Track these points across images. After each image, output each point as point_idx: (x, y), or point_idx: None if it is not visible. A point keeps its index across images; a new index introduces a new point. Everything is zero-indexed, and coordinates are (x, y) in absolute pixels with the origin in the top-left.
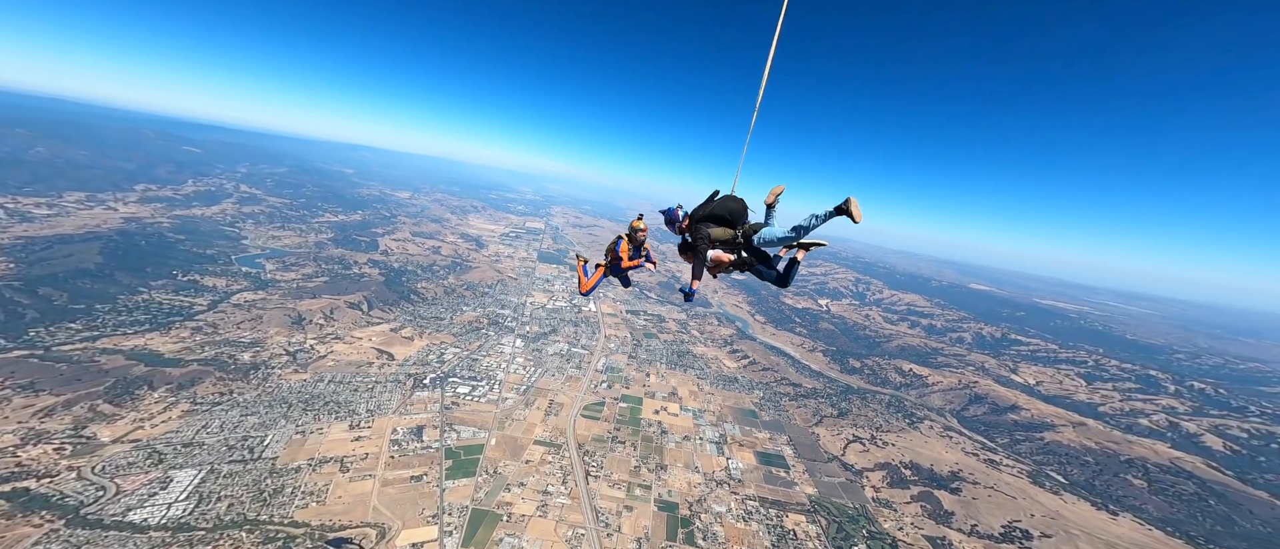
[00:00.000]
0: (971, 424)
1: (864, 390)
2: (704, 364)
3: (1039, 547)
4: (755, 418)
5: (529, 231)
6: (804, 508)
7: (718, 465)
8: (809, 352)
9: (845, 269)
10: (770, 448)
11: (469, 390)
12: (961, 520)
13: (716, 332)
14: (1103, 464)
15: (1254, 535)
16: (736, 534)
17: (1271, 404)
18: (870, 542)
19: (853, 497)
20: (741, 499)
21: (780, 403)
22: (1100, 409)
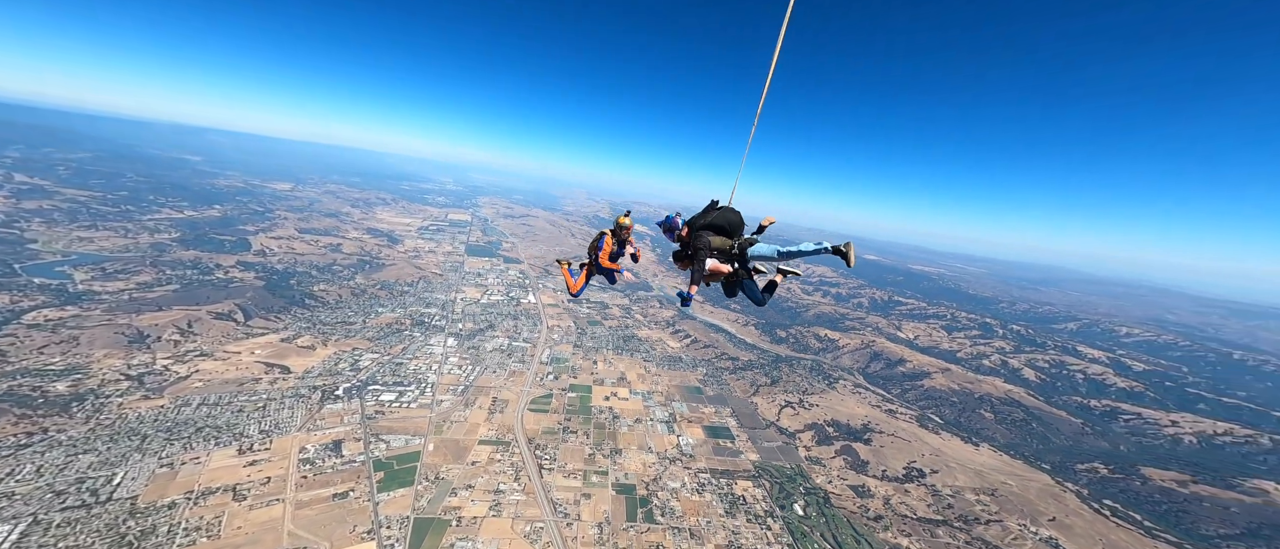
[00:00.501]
0: (874, 380)
1: (791, 358)
2: (649, 347)
3: (931, 481)
4: (700, 394)
5: (453, 224)
6: (750, 474)
7: (670, 444)
8: (743, 326)
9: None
10: (716, 421)
11: (395, 397)
12: (874, 467)
13: (659, 314)
14: (964, 402)
15: (1064, 449)
16: (692, 506)
17: (1059, 338)
18: (806, 497)
19: (789, 458)
20: (694, 473)
21: (722, 377)
22: (958, 355)
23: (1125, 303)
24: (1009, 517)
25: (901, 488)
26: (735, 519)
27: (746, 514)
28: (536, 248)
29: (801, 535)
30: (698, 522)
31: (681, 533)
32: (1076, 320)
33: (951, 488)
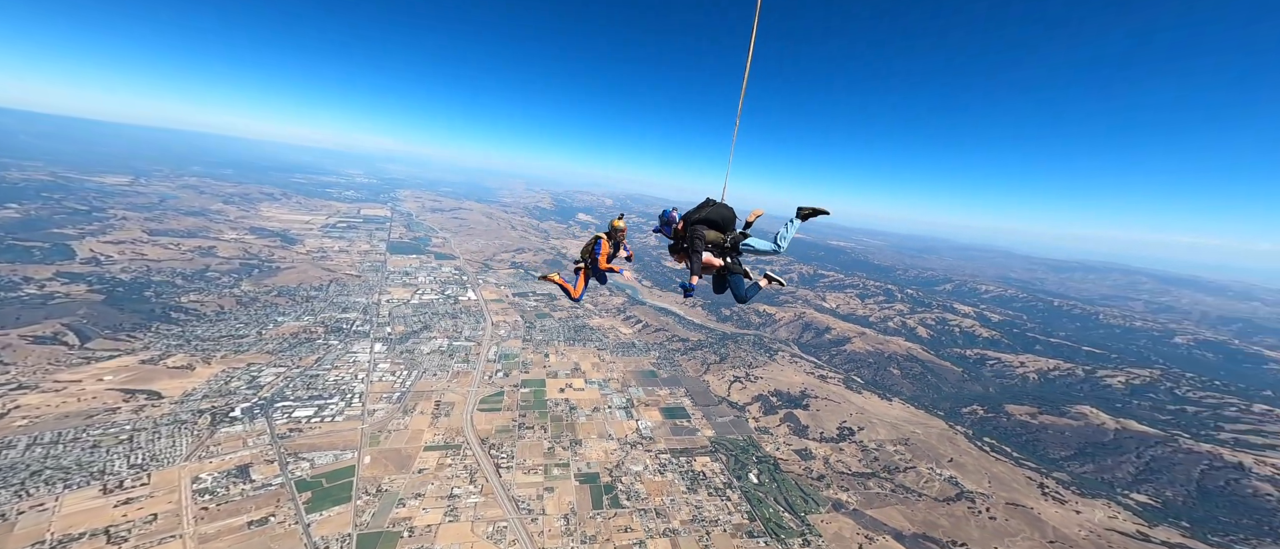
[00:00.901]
0: (807, 348)
1: (736, 335)
2: (602, 335)
3: (860, 438)
4: (655, 377)
5: (369, 221)
6: (707, 450)
7: (629, 429)
8: (691, 308)
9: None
10: (671, 402)
11: (314, 412)
12: (813, 431)
13: (609, 301)
14: (877, 362)
15: (952, 395)
16: (655, 487)
17: (940, 298)
18: (759, 466)
19: (741, 431)
20: (655, 455)
21: (674, 359)
22: (870, 319)
23: (981, 265)
24: (920, 462)
25: (837, 447)
26: (697, 494)
27: (707, 489)
28: (474, 243)
29: (758, 502)
30: (662, 501)
31: (647, 514)
32: (950, 281)
33: (875, 442)
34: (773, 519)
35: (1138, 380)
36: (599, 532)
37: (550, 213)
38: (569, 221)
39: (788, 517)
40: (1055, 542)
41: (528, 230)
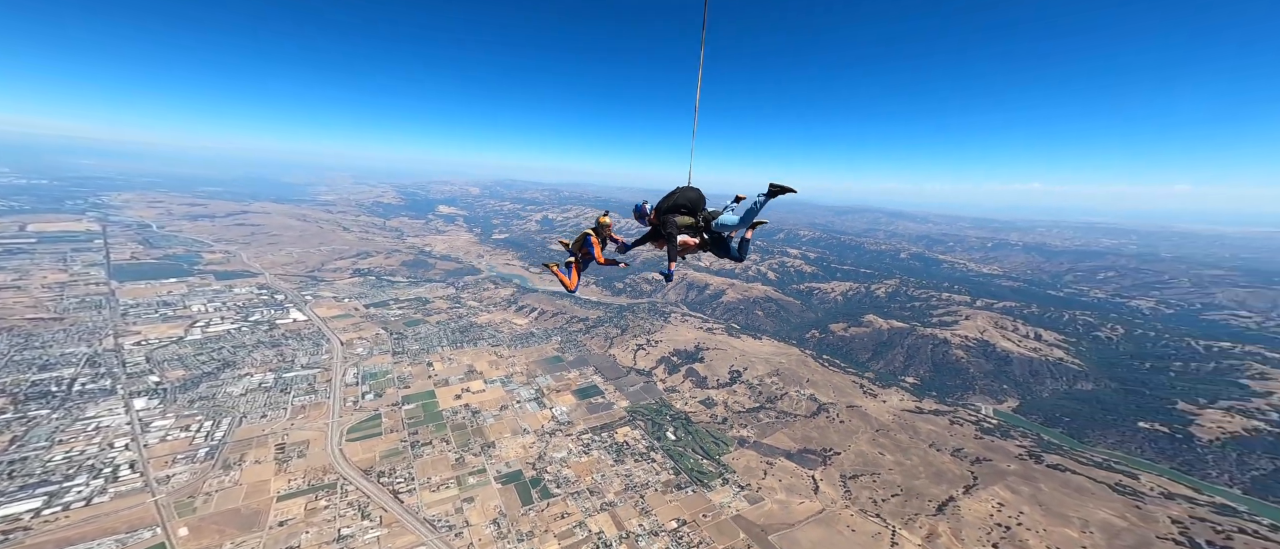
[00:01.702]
0: (694, 306)
1: (632, 306)
2: (494, 331)
3: (746, 378)
4: (561, 362)
5: (50, 239)
6: (625, 420)
7: (544, 418)
8: (584, 287)
9: (593, 209)
10: (583, 383)
11: (45, 503)
12: (711, 380)
13: (495, 295)
14: (746, 308)
15: (799, 325)
16: (584, 468)
17: (778, 244)
18: (674, 423)
19: (652, 395)
20: (577, 437)
21: (577, 340)
22: (735, 271)
23: (798, 214)
24: (789, 387)
25: (731, 390)
26: (624, 464)
27: (632, 456)
28: (283, 253)
29: (679, 456)
30: (593, 479)
31: (581, 495)
32: (782, 231)
33: (757, 378)
34: (694, 468)
35: (890, 288)
36: (535, 526)
37: (399, 208)
38: (428, 215)
39: (706, 462)
40: (879, 430)
41: (371, 231)
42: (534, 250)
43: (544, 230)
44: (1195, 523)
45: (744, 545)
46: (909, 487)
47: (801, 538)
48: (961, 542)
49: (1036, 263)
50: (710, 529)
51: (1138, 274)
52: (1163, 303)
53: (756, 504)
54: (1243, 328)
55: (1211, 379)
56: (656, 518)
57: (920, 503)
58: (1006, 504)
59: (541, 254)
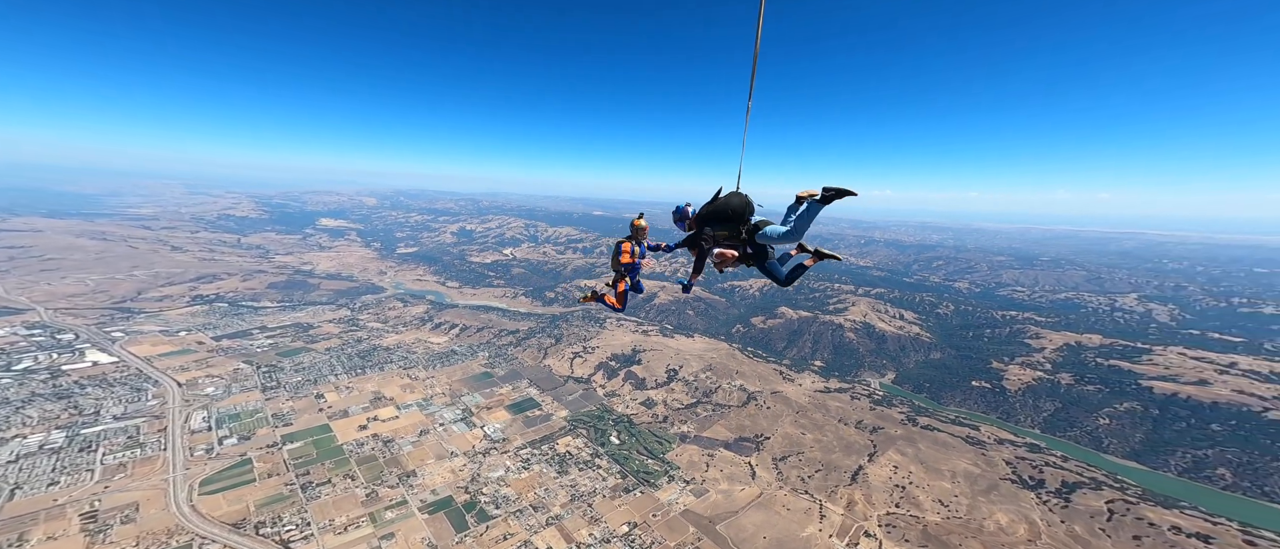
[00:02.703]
0: (627, 311)
1: (566, 315)
2: (406, 352)
3: (682, 375)
4: (491, 378)
5: None
6: (566, 430)
7: (475, 439)
8: (514, 298)
9: (516, 218)
10: (517, 397)
11: None
12: (650, 381)
13: (405, 314)
14: (678, 308)
15: (725, 320)
16: (524, 484)
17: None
18: (616, 427)
19: (592, 401)
20: (514, 453)
21: (507, 353)
22: (664, 275)
23: None
24: (722, 380)
25: (669, 389)
26: (568, 475)
27: (576, 466)
28: (69, 282)
29: (624, 459)
30: (536, 494)
31: (524, 513)
32: None
33: (693, 374)
34: (640, 469)
35: (796, 283)
36: None
37: (261, 222)
38: (305, 230)
39: (651, 462)
40: (799, 411)
41: (217, 249)
42: (450, 264)
43: (463, 242)
44: (1020, 462)
45: (695, 539)
46: (827, 461)
47: (746, 523)
48: (873, 505)
49: (894, 255)
50: (661, 528)
51: (956, 262)
52: (973, 284)
53: (702, 496)
54: (1021, 300)
55: (1008, 341)
56: (607, 525)
57: (838, 475)
58: (900, 466)
59: (459, 269)
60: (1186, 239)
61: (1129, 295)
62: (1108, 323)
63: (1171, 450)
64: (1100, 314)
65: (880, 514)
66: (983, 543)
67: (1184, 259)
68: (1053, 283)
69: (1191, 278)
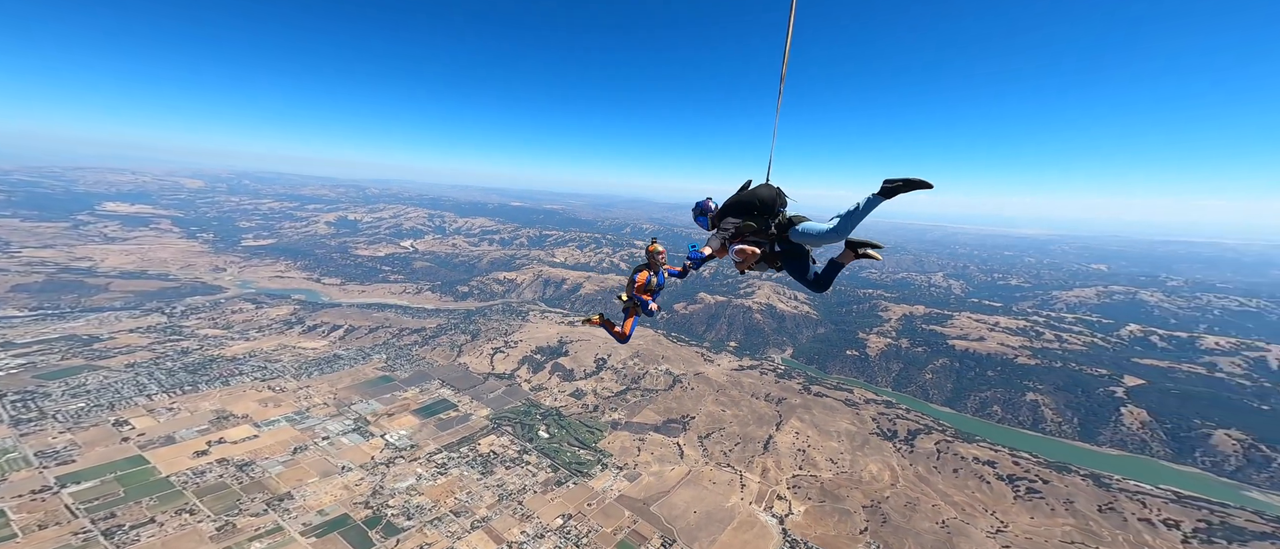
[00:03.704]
0: (552, 302)
1: (482, 309)
2: (263, 361)
3: (611, 364)
4: (391, 381)
5: None
6: (489, 429)
7: (374, 449)
8: (417, 294)
9: (416, 207)
10: (427, 400)
11: None
12: (578, 371)
13: (259, 317)
14: (604, 297)
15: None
16: (442, 490)
17: (626, 238)
18: (545, 421)
19: (517, 397)
20: (426, 460)
21: (412, 354)
22: (590, 265)
23: (639, 211)
24: (649, 366)
25: (598, 378)
26: (494, 475)
27: (502, 464)
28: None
29: (555, 453)
30: (457, 499)
31: (444, 520)
32: (628, 225)
33: (621, 362)
34: (573, 461)
35: (712, 270)
36: None
37: None
38: (75, 216)
39: (583, 452)
40: (718, 390)
41: None
42: (327, 258)
43: (343, 233)
44: (881, 417)
45: (630, 522)
46: (744, 434)
47: (677, 501)
48: (782, 470)
49: None
50: (597, 516)
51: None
52: None
53: (635, 481)
54: (874, 279)
55: (867, 314)
56: (540, 520)
57: (753, 446)
58: (800, 432)
59: (341, 264)
60: (970, 231)
61: (938, 274)
62: (927, 295)
63: (968, 395)
64: (922, 289)
65: (788, 477)
66: (862, 491)
67: (969, 246)
68: (893, 265)
69: (972, 260)
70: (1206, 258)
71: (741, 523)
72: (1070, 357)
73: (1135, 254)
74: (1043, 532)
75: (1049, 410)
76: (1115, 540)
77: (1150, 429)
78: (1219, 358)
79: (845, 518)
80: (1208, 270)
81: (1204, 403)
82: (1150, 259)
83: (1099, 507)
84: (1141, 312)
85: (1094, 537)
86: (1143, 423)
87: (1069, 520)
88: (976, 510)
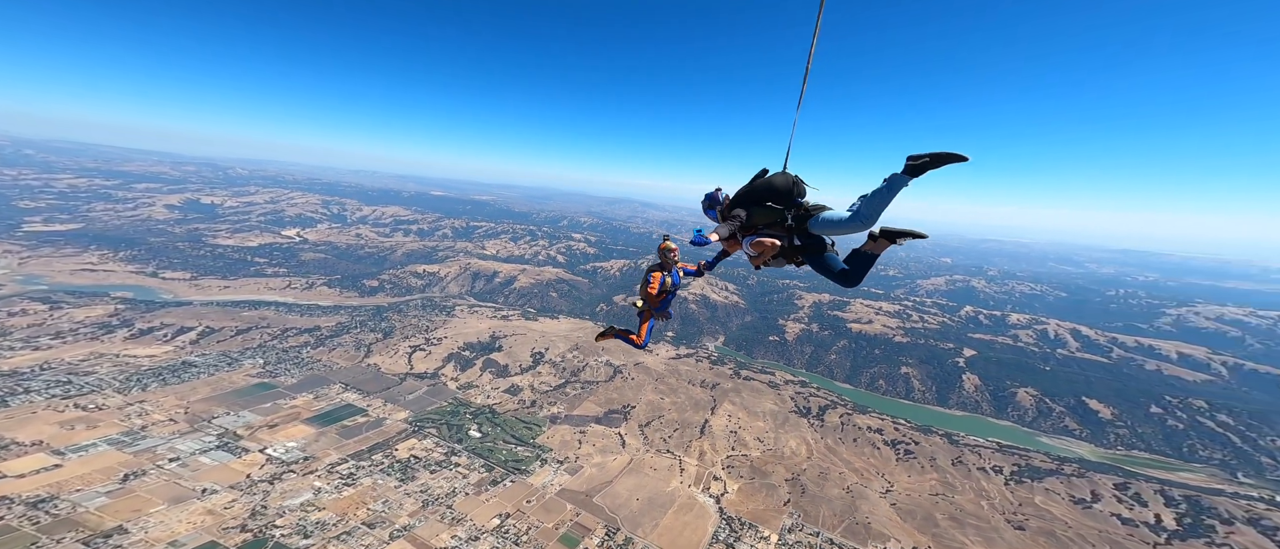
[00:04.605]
0: (482, 296)
1: (397, 305)
2: (65, 373)
3: (549, 357)
4: (273, 389)
5: None
6: (408, 432)
7: (250, 465)
8: (306, 289)
9: (305, 193)
10: (324, 406)
11: None
12: (513, 367)
13: (57, 320)
14: (541, 291)
15: (588, 300)
16: (349, 502)
17: (563, 231)
18: (477, 420)
19: (442, 397)
20: (327, 472)
21: (301, 356)
22: (525, 258)
23: (577, 205)
24: (589, 358)
25: (535, 372)
26: (416, 480)
27: (426, 469)
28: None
29: (489, 452)
30: (371, 510)
31: (353, 534)
32: (565, 218)
33: (560, 355)
34: (509, 459)
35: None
36: None
37: None
38: None
39: (521, 449)
40: (658, 378)
41: None
42: (169, 248)
43: (194, 218)
44: (797, 396)
45: (573, 514)
46: (682, 420)
47: (619, 489)
48: (717, 452)
49: None
50: (537, 512)
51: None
52: None
53: (577, 473)
54: (791, 270)
55: (785, 303)
56: (473, 522)
57: (691, 431)
58: (732, 415)
59: (193, 255)
60: None
61: None
62: (831, 285)
63: (862, 372)
64: (826, 280)
65: (722, 459)
66: (784, 466)
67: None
68: None
69: None
70: (1010, 253)
71: (681, 506)
72: (929, 334)
73: (967, 249)
74: (917, 487)
75: (917, 381)
76: (963, 488)
77: (981, 391)
78: (1020, 331)
79: (772, 492)
80: (1012, 263)
81: (1012, 368)
82: (977, 253)
83: (952, 461)
84: (974, 296)
85: (950, 487)
86: (976, 387)
87: (934, 475)
88: (871, 474)
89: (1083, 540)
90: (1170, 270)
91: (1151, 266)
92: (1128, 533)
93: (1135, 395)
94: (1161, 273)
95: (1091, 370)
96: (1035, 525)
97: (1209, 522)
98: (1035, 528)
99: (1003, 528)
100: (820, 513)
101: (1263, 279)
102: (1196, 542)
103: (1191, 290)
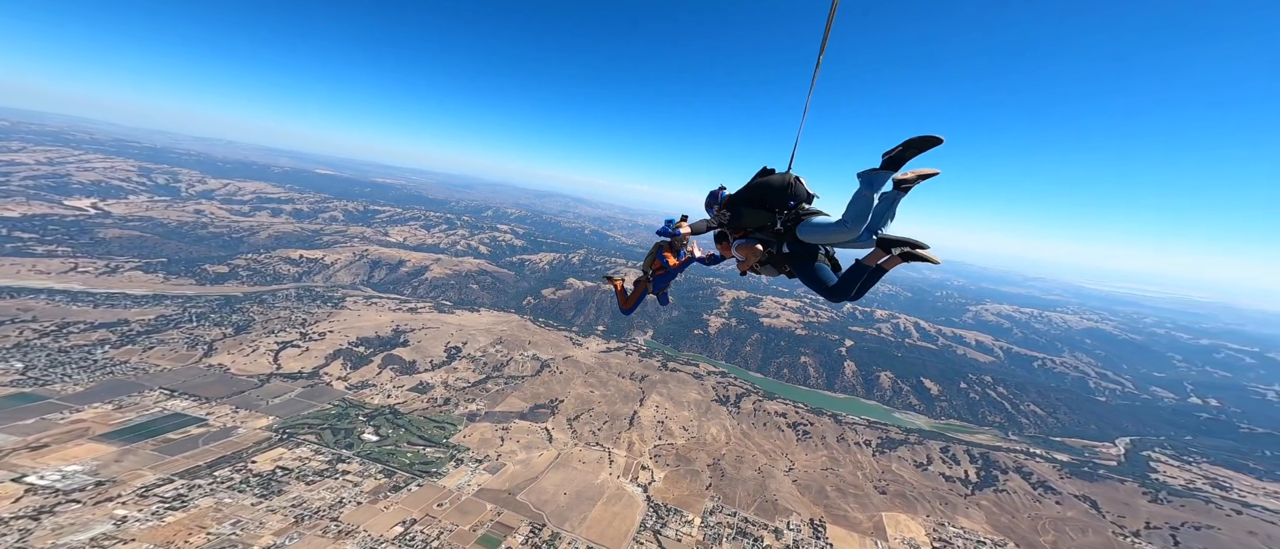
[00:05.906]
0: (383, 287)
1: (256, 295)
2: None
3: (467, 352)
4: (40, 400)
5: None
6: (272, 441)
7: None
8: (110, 273)
9: (111, 157)
10: (133, 418)
11: None
12: (422, 363)
13: None
14: (459, 282)
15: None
16: (176, 528)
17: (487, 221)
18: (374, 422)
19: (325, 397)
20: (141, 494)
21: (94, 357)
22: (440, 247)
23: (502, 196)
24: (513, 352)
25: (450, 369)
26: (287, 494)
27: (301, 480)
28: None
29: (388, 456)
30: (212, 534)
31: None
32: (490, 209)
33: (480, 349)
34: (416, 462)
35: (581, 256)
36: None
37: None
38: None
39: (431, 450)
40: (587, 372)
41: None
42: None
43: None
44: (718, 386)
45: (494, 514)
46: (611, 412)
47: (546, 485)
48: (645, 442)
49: (648, 234)
50: (451, 515)
51: None
52: None
53: (499, 472)
54: (715, 269)
55: (708, 299)
56: (367, 533)
57: (620, 423)
58: (659, 406)
59: None
60: None
61: None
62: (747, 281)
63: (771, 361)
64: (743, 277)
65: (650, 448)
66: (706, 452)
67: None
68: None
69: None
70: None
71: (610, 497)
72: (821, 327)
73: None
74: (812, 464)
75: (812, 369)
76: (845, 462)
77: (856, 376)
78: (882, 324)
79: (695, 478)
80: None
81: (877, 355)
82: None
83: (837, 438)
84: None
85: (836, 462)
86: (853, 372)
87: (824, 452)
88: (777, 455)
89: (923, 498)
90: (972, 276)
91: (961, 273)
92: (949, 488)
93: (952, 374)
94: (967, 278)
95: (927, 355)
96: (893, 489)
97: (995, 473)
98: (893, 492)
99: (872, 494)
100: (737, 494)
101: (1022, 284)
102: (989, 490)
103: (984, 292)
